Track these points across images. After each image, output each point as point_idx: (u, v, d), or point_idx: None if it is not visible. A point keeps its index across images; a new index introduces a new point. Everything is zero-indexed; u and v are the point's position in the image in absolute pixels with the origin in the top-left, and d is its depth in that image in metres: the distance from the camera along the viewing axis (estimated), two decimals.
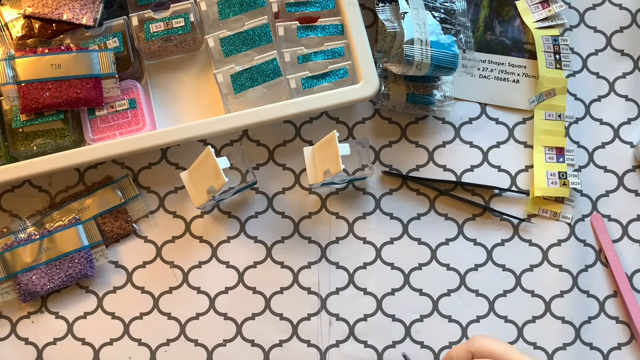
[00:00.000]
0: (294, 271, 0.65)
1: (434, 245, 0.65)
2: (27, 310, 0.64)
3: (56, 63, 0.62)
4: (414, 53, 0.60)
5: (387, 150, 0.67)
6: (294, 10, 0.64)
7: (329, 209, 0.66)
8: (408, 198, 0.66)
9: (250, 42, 0.64)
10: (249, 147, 0.66)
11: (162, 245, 0.65)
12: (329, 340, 0.64)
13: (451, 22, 0.65)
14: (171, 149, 0.66)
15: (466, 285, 0.65)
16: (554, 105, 0.67)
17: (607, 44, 0.69)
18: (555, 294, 0.65)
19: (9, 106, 0.63)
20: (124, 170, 0.66)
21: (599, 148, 0.68)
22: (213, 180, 0.57)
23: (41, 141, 0.63)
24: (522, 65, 0.68)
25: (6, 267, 0.62)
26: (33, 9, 0.63)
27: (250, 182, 0.64)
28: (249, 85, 0.63)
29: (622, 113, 0.68)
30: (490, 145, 0.67)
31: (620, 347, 0.64)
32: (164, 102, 0.67)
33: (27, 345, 0.64)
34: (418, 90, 0.65)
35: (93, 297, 0.65)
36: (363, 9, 0.66)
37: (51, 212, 0.65)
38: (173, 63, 0.68)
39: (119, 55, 0.64)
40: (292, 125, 0.67)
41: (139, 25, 0.64)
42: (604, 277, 0.66)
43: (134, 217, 0.65)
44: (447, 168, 0.67)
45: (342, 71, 0.64)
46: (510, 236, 0.66)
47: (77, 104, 0.62)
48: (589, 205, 0.67)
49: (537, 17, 0.69)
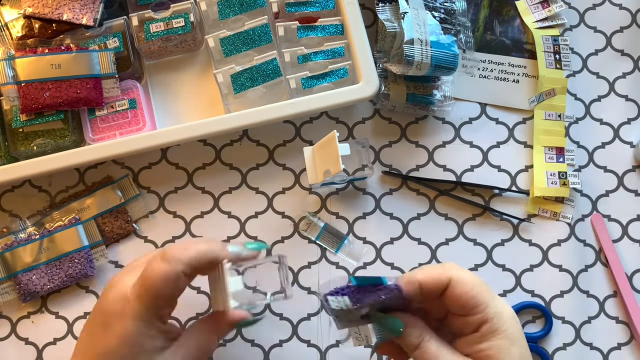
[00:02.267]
0: (294, 271, 0.65)
1: (434, 245, 0.65)
2: (27, 310, 0.64)
3: (56, 63, 0.62)
4: (414, 53, 0.60)
5: (387, 150, 0.67)
6: (294, 10, 0.64)
7: (329, 209, 0.66)
8: (408, 198, 0.66)
9: (250, 42, 0.64)
10: (249, 147, 0.66)
11: (162, 245, 0.65)
12: (329, 340, 0.64)
13: (451, 22, 0.65)
14: (171, 149, 0.66)
15: None
16: (554, 105, 0.67)
17: (607, 44, 0.69)
18: (555, 294, 0.65)
19: (9, 106, 0.63)
20: (124, 170, 0.66)
21: (599, 148, 0.68)
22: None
23: (41, 141, 0.63)
24: (522, 65, 0.68)
25: (6, 267, 0.62)
26: (33, 9, 0.63)
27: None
28: (249, 85, 0.63)
29: (622, 113, 0.68)
30: (490, 145, 0.67)
31: (620, 347, 0.64)
32: (164, 102, 0.67)
33: (27, 345, 0.64)
34: (418, 90, 0.65)
35: (93, 297, 0.65)
36: (363, 9, 0.66)
37: (51, 212, 0.65)
38: (173, 63, 0.68)
39: (119, 55, 0.64)
40: (292, 125, 0.67)
41: (139, 25, 0.64)
42: (604, 277, 0.66)
43: (134, 217, 0.65)
44: (447, 168, 0.67)
45: (342, 71, 0.64)
46: (510, 236, 0.66)
47: (77, 104, 0.62)
48: (589, 205, 0.67)
49: (537, 17, 0.69)
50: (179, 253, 0.48)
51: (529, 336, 0.63)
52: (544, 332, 0.63)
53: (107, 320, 0.49)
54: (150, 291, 0.48)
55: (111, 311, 0.49)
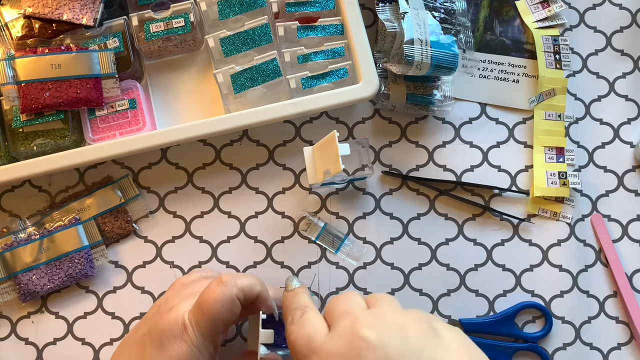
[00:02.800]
0: (294, 271, 0.65)
1: (434, 245, 0.65)
2: (27, 310, 0.64)
3: (56, 63, 0.62)
4: (414, 53, 0.60)
5: (387, 150, 0.67)
6: (294, 10, 0.64)
7: (329, 209, 0.66)
8: (408, 198, 0.66)
9: (250, 42, 0.64)
10: (249, 147, 0.66)
11: (162, 245, 0.65)
12: None
13: (451, 22, 0.65)
14: (171, 149, 0.66)
15: (466, 285, 0.65)
16: (554, 105, 0.67)
17: (607, 44, 0.69)
18: (555, 294, 0.65)
19: (9, 106, 0.63)
20: (124, 170, 0.66)
21: (599, 148, 0.68)
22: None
23: (41, 141, 0.63)
24: (522, 65, 0.68)
25: (6, 267, 0.62)
26: (33, 9, 0.63)
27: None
28: (249, 85, 0.63)
29: (622, 113, 0.68)
30: (490, 145, 0.67)
31: (620, 347, 0.64)
32: (164, 102, 0.67)
33: (27, 345, 0.64)
34: (418, 90, 0.65)
35: (93, 297, 0.65)
36: (363, 9, 0.66)
37: (51, 212, 0.65)
38: (173, 63, 0.68)
39: (119, 55, 0.64)
40: (292, 125, 0.67)
41: (139, 25, 0.64)
42: (604, 277, 0.66)
43: (134, 217, 0.65)
44: (447, 168, 0.67)
45: (342, 71, 0.64)
46: (510, 236, 0.66)
47: (77, 104, 0.62)
48: (589, 205, 0.67)
49: (537, 17, 0.69)
50: (233, 278, 0.51)
51: (529, 336, 0.63)
52: (544, 332, 0.63)
53: (165, 340, 0.50)
54: (207, 314, 0.50)
55: (170, 333, 0.50)
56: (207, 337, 0.50)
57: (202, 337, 0.50)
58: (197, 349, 0.50)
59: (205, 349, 0.50)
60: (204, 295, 0.51)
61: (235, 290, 0.50)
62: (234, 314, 0.51)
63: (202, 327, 0.50)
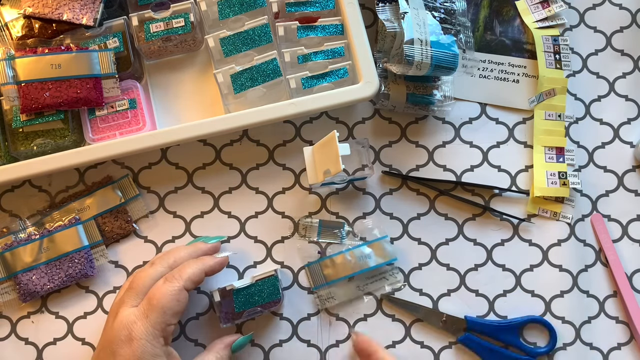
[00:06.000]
0: (294, 271, 0.65)
1: (434, 245, 0.65)
2: (27, 310, 0.64)
3: (56, 63, 0.62)
4: (414, 53, 0.60)
5: (387, 150, 0.67)
6: (294, 10, 0.64)
7: (329, 209, 0.66)
8: (408, 198, 0.66)
9: (250, 42, 0.64)
10: (249, 147, 0.66)
11: (162, 245, 0.65)
12: (329, 340, 0.64)
13: (451, 22, 0.65)
14: (171, 149, 0.66)
15: (466, 285, 0.65)
16: (554, 105, 0.67)
17: (607, 44, 0.69)
18: (555, 294, 0.65)
19: (9, 106, 0.63)
20: (124, 170, 0.66)
21: (599, 148, 0.68)
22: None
23: (41, 141, 0.63)
24: (522, 65, 0.68)
25: (6, 267, 0.62)
26: (33, 9, 0.63)
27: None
28: (249, 85, 0.63)
29: (622, 113, 0.68)
30: (490, 145, 0.67)
31: (620, 347, 0.64)
32: (164, 102, 0.67)
33: (27, 345, 0.64)
34: (418, 90, 0.65)
35: (93, 297, 0.65)
36: (363, 9, 0.66)
37: (51, 212, 0.65)
38: (173, 63, 0.68)
39: (119, 55, 0.64)
40: (292, 125, 0.67)
41: (139, 25, 0.64)
42: (603, 277, 0.66)
43: (134, 217, 0.65)
44: (447, 168, 0.67)
45: (342, 71, 0.64)
46: (510, 236, 0.66)
47: (77, 104, 0.62)
48: (589, 205, 0.67)
49: (537, 17, 0.69)
50: (178, 272, 0.56)
51: (529, 350, 0.63)
52: (547, 350, 0.63)
53: (115, 347, 0.53)
54: (156, 306, 0.53)
55: (117, 339, 0.53)
56: (158, 328, 0.53)
57: (152, 328, 0.53)
58: (146, 341, 0.53)
59: (155, 339, 0.53)
60: (153, 290, 0.54)
61: (182, 283, 0.55)
62: (182, 304, 0.55)
63: (152, 318, 0.53)
